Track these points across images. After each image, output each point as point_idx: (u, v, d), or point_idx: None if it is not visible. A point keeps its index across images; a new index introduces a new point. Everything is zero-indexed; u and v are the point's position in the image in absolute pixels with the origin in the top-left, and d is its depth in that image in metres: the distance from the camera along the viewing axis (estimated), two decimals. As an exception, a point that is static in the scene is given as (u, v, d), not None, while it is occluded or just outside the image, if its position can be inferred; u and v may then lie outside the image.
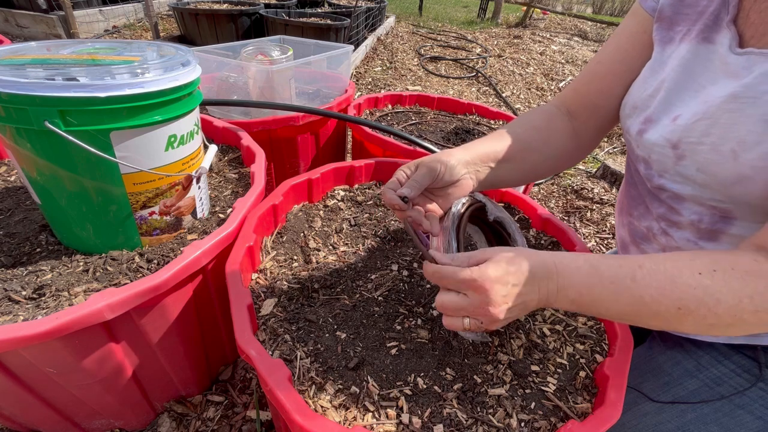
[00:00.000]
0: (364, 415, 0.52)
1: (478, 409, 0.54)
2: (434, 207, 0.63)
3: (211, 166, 0.80)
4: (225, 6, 2.96)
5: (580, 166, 2.33)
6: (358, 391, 0.54)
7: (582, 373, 0.60)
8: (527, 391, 0.57)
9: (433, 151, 1.07)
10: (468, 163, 0.62)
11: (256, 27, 2.92)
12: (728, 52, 0.50)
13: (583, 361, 0.62)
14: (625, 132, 0.65)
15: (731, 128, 0.48)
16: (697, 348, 0.65)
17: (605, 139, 2.81)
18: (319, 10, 3.33)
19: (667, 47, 0.59)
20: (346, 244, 0.81)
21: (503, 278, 0.44)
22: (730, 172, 0.48)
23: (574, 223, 1.84)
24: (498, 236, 0.71)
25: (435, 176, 0.58)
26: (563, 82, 3.79)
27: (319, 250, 0.78)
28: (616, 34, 0.67)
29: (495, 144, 0.65)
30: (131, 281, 0.64)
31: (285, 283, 0.70)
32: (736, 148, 0.47)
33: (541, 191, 2.08)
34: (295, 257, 0.76)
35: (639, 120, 0.60)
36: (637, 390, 0.64)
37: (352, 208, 0.92)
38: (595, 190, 2.02)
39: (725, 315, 0.42)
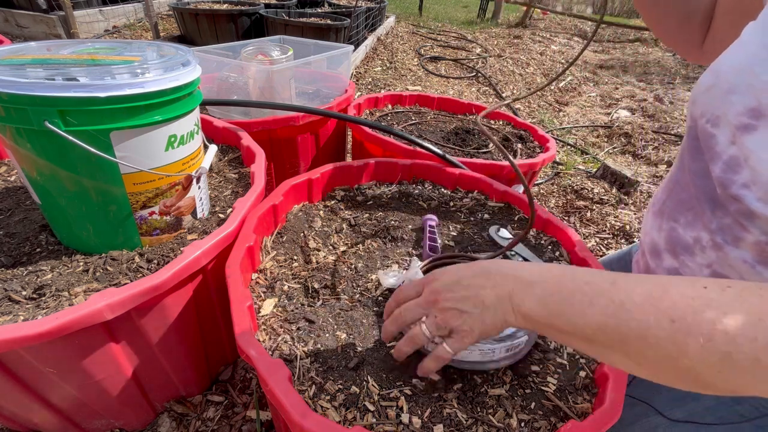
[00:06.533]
0: (364, 415, 0.52)
1: (478, 409, 0.54)
2: None
3: (211, 166, 0.80)
4: (225, 6, 2.97)
5: (580, 166, 2.33)
6: (358, 391, 0.54)
7: (582, 373, 0.60)
8: (527, 391, 0.57)
9: (433, 152, 1.07)
10: None
11: (256, 27, 2.92)
12: None
13: (583, 361, 0.62)
14: (699, 117, 0.50)
15: None
16: None
17: (605, 139, 2.81)
18: (319, 10, 3.33)
19: None
20: (346, 244, 0.81)
21: (453, 272, 0.47)
22: None
23: (574, 223, 1.84)
24: None
25: None
26: (563, 82, 3.79)
27: (319, 250, 0.78)
28: None
29: None
30: (131, 281, 0.64)
31: (285, 283, 0.70)
32: None
33: (541, 191, 2.08)
34: (295, 257, 0.76)
35: (738, 109, 0.44)
36: (648, 404, 0.61)
37: (352, 208, 0.92)
38: (595, 190, 2.02)
39: (739, 336, 0.30)
